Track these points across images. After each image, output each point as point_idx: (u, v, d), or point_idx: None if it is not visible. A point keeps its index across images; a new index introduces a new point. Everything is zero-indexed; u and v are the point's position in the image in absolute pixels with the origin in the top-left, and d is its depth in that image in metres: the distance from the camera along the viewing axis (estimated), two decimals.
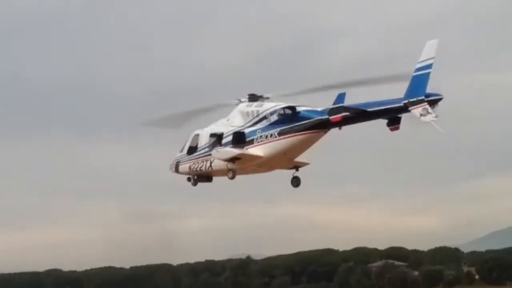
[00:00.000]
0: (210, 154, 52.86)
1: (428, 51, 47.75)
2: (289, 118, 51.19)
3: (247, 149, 51.50)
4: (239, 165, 51.76)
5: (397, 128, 49.86)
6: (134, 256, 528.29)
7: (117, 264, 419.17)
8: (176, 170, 55.87)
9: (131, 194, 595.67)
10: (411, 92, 47.72)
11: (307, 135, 50.60)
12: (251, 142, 51.27)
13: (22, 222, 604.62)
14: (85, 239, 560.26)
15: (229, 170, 51.81)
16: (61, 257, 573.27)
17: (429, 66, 47.34)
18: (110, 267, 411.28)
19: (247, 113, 52.46)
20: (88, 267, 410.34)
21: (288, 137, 50.34)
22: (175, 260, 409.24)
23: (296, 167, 54.74)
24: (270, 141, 50.59)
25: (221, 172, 53.65)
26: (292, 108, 51.45)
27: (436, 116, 47.49)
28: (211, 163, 52.88)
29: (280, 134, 50.64)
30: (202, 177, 54.87)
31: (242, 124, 52.62)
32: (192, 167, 54.20)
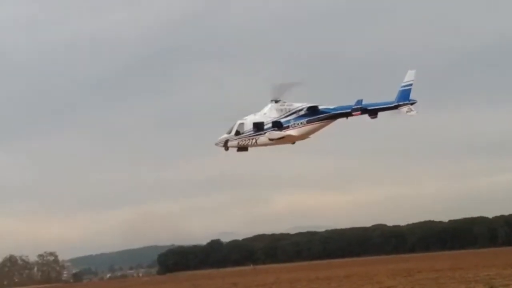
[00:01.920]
0: (257, 134, 74.07)
1: (409, 77, 68.19)
2: (313, 112, 71.61)
3: (285, 131, 72.68)
4: (279, 141, 73.91)
5: (376, 117, 69.61)
6: (452, 210, 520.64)
7: (436, 218, 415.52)
8: (225, 145, 75.88)
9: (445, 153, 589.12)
10: (399, 98, 68.20)
11: (325, 122, 71.54)
12: (287, 127, 72.54)
13: (350, 184, 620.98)
14: (407, 196, 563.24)
15: (272, 140, 73.18)
16: (385, 213, 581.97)
17: (410, 85, 68.02)
18: (430, 221, 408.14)
19: (281, 110, 73.30)
20: (410, 222, 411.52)
21: (313, 124, 71.63)
22: (491, 213, 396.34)
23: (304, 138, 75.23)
24: (301, 126, 71.94)
25: (262, 145, 74.94)
26: (315, 106, 71.74)
27: (417, 112, 68.55)
28: (256, 140, 74.27)
29: (308, 122, 71.88)
30: (242, 148, 75.75)
31: (277, 116, 73.22)
32: (239, 143, 75.25)
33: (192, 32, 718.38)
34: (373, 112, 69.37)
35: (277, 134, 73.18)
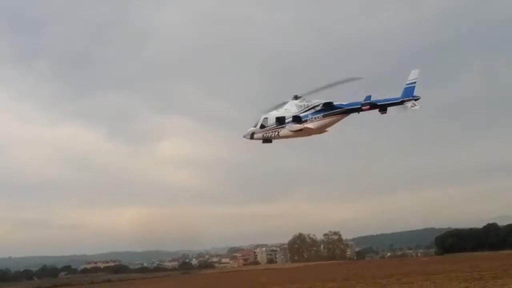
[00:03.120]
0: (279, 127, 79.43)
1: (413, 75, 71.78)
2: (328, 108, 76.39)
3: (303, 124, 77.60)
4: (298, 134, 78.60)
5: (385, 112, 73.02)
6: None
7: None
8: (251, 137, 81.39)
9: None
10: (404, 94, 72.04)
11: (340, 116, 76.20)
12: (306, 121, 77.51)
13: None
14: None
15: (292, 132, 78.32)
16: None
17: (414, 83, 71.82)
18: None
19: (300, 106, 78.60)
20: None
21: (329, 118, 76.52)
22: None
23: (322, 132, 79.92)
24: (318, 120, 76.91)
25: (284, 137, 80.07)
26: (330, 102, 76.37)
27: (420, 107, 72.01)
28: (278, 132, 79.63)
29: (324, 116, 76.78)
30: (267, 140, 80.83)
31: (297, 111, 78.51)
32: (264, 135, 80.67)
33: (463, 24, 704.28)
34: (382, 108, 73.81)
35: (296, 126, 78.77)
